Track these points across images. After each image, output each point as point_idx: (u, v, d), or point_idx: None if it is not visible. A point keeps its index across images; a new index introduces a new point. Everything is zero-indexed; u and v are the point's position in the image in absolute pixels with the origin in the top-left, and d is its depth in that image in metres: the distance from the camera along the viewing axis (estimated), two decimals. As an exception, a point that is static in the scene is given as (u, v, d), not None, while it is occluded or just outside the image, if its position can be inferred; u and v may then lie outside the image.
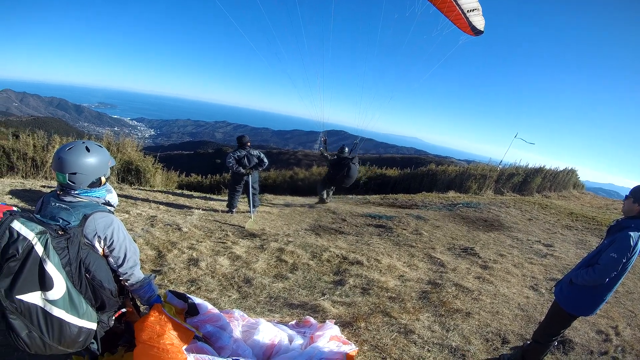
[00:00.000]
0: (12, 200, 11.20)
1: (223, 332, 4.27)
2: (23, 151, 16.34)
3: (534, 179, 21.82)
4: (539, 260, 9.36)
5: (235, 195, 12.57)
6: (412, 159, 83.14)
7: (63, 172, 3.21)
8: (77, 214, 3.22)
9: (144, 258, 7.85)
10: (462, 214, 14.21)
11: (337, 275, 7.72)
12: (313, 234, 10.85)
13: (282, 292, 6.85)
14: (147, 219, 10.59)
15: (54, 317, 3.00)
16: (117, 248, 3.37)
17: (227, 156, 11.95)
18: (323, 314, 6.04)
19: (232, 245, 8.95)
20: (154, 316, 3.54)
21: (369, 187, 23.89)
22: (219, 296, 6.53)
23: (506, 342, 5.57)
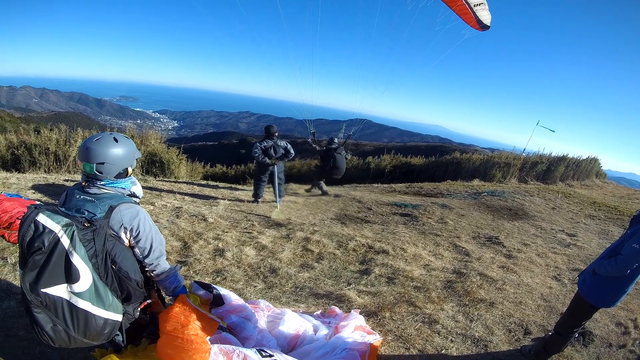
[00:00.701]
0: (35, 195, 11.31)
1: (248, 323, 4.29)
2: (45, 146, 16.47)
3: (558, 167, 21.57)
4: (562, 250, 9.30)
5: (260, 185, 12.62)
6: (437, 147, 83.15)
7: (91, 162, 3.23)
8: (103, 206, 3.22)
9: (170, 249, 7.90)
10: (486, 202, 14.17)
11: (362, 265, 7.72)
12: (339, 223, 10.87)
13: (307, 282, 6.87)
14: (173, 210, 10.69)
15: (79, 309, 3.03)
16: (143, 239, 3.39)
17: (253, 146, 11.96)
18: (348, 303, 6.06)
19: (258, 235, 9.00)
20: (178, 307, 3.55)
21: (395, 175, 23.84)
22: (245, 286, 6.57)
23: (528, 332, 5.55)
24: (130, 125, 20.99)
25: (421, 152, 32.15)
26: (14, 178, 13.35)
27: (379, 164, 24.97)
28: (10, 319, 5.04)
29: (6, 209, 7.92)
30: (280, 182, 12.38)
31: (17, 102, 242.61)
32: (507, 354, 5.05)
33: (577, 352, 5.14)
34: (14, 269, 6.34)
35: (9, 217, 7.71)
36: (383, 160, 25.27)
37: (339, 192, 15.45)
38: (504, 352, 5.08)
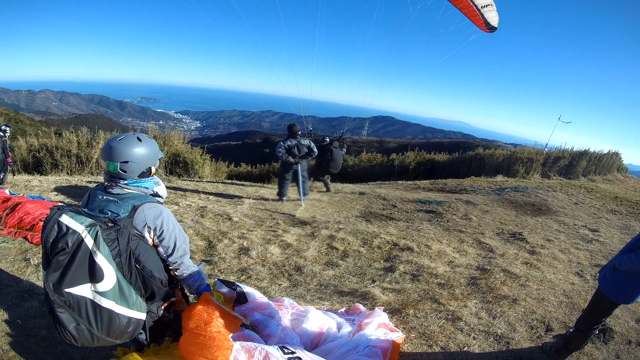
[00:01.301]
0: (58, 197, 11.49)
1: (271, 320, 4.32)
2: (67, 148, 16.77)
3: (580, 162, 21.52)
4: (584, 245, 9.24)
5: (285, 183, 12.70)
6: (460, 143, 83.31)
7: (115, 160, 3.28)
8: (126, 206, 3.27)
9: (194, 248, 8.00)
10: (510, 198, 14.12)
11: (387, 262, 7.75)
12: (364, 220, 10.88)
13: (332, 280, 6.91)
14: (197, 210, 10.82)
15: (103, 308, 3.06)
16: (167, 238, 3.44)
17: (277, 145, 12.01)
18: (373, 301, 6.07)
19: (282, 233, 9.09)
20: (202, 304, 3.59)
21: (419, 172, 23.91)
22: (270, 285, 6.64)
23: (550, 329, 5.53)
24: (152, 126, 21.13)
25: (444, 148, 32.16)
26: (36, 180, 13.54)
27: (403, 161, 25.21)
28: (33, 319, 5.15)
29: (29, 211, 8.10)
30: (304, 180, 12.39)
31: (36, 105, 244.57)
32: (529, 351, 5.04)
33: (597, 349, 5.10)
34: (36, 269, 6.46)
35: (31, 219, 7.88)
36: (407, 157, 25.54)
37: (364, 190, 15.44)
38: (525, 349, 5.07)
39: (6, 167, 12.94)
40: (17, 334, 4.84)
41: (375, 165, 25.96)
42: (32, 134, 19.16)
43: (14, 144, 17.98)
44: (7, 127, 13.27)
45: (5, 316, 5.16)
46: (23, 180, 13.86)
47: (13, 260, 6.80)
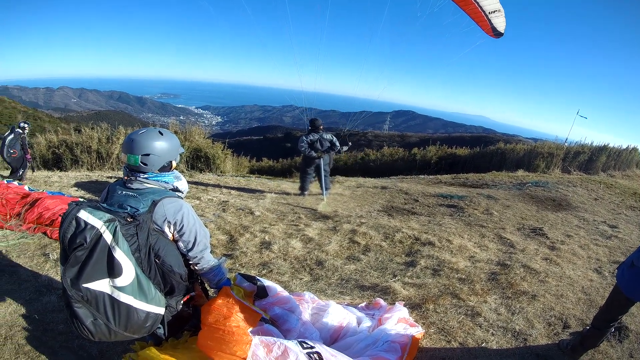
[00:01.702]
0: (78, 192, 11.64)
1: (291, 315, 4.32)
2: (87, 144, 16.92)
3: (599, 157, 21.33)
4: (603, 241, 9.19)
5: (307, 177, 12.75)
6: (481, 137, 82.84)
7: (136, 153, 3.32)
8: (146, 201, 3.28)
9: (216, 243, 8.06)
10: (531, 193, 14.09)
11: (408, 257, 7.76)
12: (386, 214, 10.93)
13: (353, 274, 6.93)
14: (219, 204, 10.90)
15: (121, 303, 3.08)
16: (187, 232, 3.44)
17: (299, 139, 12.06)
18: (393, 295, 6.09)
19: (304, 227, 9.14)
20: (221, 299, 3.60)
21: (440, 166, 23.95)
22: (291, 279, 6.67)
23: (567, 326, 5.52)
24: (173, 122, 21.20)
25: (466, 142, 32.11)
26: (55, 176, 13.76)
27: (424, 155, 25.33)
28: (50, 314, 5.23)
29: (48, 207, 8.22)
30: (327, 175, 12.45)
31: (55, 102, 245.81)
32: (545, 348, 5.04)
33: (611, 348, 5.08)
34: (55, 264, 6.56)
35: (51, 214, 8.02)
36: (428, 152, 25.67)
37: (386, 184, 15.49)
38: (542, 346, 5.07)
39: (25, 164, 13.23)
40: (34, 328, 4.92)
41: (397, 160, 26.05)
42: (52, 131, 19.31)
43: (33, 140, 18.17)
44: (26, 124, 13.44)
45: (23, 311, 5.25)
46: (43, 176, 14.08)
47: (32, 256, 6.91)
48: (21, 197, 8.88)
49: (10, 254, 6.92)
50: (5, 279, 6.03)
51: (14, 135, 12.85)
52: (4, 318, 5.04)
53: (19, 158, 12.89)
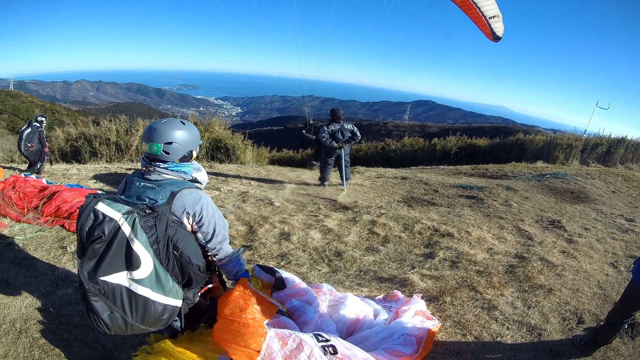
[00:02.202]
0: (97, 185, 11.76)
1: (309, 307, 4.35)
2: (105, 137, 17.01)
3: (617, 149, 21.16)
4: (620, 235, 9.12)
5: (327, 168, 12.74)
6: (500, 128, 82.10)
7: (158, 142, 3.35)
8: (165, 192, 3.30)
9: (235, 234, 8.13)
10: (550, 184, 14.06)
11: (427, 248, 7.79)
12: (405, 205, 10.97)
13: (372, 266, 6.95)
14: (239, 195, 11.00)
15: (139, 296, 3.10)
16: (206, 223, 3.45)
17: (320, 129, 12.04)
18: (411, 287, 6.11)
19: (324, 218, 9.18)
20: (238, 290, 3.63)
21: (460, 157, 23.96)
22: (309, 270, 6.72)
23: (581, 321, 5.52)
24: (193, 113, 21.29)
25: (485, 133, 32.02)
26: (74, 169, 13.88)
27: (444, 146, 25.28)
28: (66, 306, 5.31)
29: (66, 199, 8.32)
30: (347, 165, 12.45)
31: (73, 96, 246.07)
32: (559, 343, 5.05)
33: (623, 345, 5.06)
34: (73, 257, 6.62)
35: (69, 207, 8.13)
36: (449, 142, 25.59)
37: (406, 175, 15.47)
38: (556, 341, 5.08)
39: (44, 157, 13.29)
40: (50, 321, 4.99)
41: (417, 150, 25.97)
42: (70, 124, 19.39)
43: (51, 134, 18.34)
44: (44, 117, 13.54)
45: (38, 304, 5.32)
46: (61, 169, 14.19)
47: (49, 249, 6.97)
48: (39, 190, 8.97)
49: (27, 247, 6.99)
50: (22, 272, 6.11)
51: (31, 129, 12.94)
52: (20, 311, 5.12)
53: (37, 151, 12.96)
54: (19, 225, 7.89)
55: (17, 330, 4.76)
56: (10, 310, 5.12)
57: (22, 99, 61.30)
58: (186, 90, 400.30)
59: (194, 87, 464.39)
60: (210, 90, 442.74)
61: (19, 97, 61.37)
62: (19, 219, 8.07)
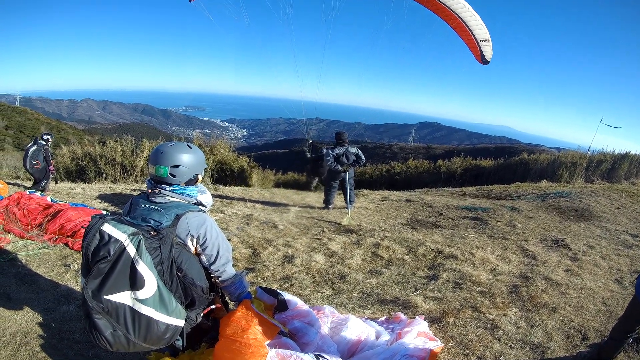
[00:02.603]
0: (101, 205, 11.80)
1: (310, 328, 4.34)
2: (111, 157, 17.09)
3: (621, 165, 21.16)
4: (625, 251, 9.12)
5: (331, 191, 12.80)
6: (505, 148, 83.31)
7: (165, 164, 3.41)
8: (169, 214, 3.36)
9: (239, 256, 8.15)
10: (554, 204, 14.02)
11: (431, 270, 7.78)
12: (410, 228, 10.94)
13: (375, 288, 6.95)
14: (243, 218, 11.01)
15: (142, 315, 3.13)
16: (209, 246, 3.51)
17: (324, 153, 12.07)
18: (414, 309, 6.10)
19: (328, 241, 9.17)
20: (241, 311, 3.65)
21: (465, 178, 23.98)
22: (312, 292, 6.72)
23: (586, 338, 5.50)
24: (198, 134, 21.38)
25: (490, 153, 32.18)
26: (79, 188, 13.94)
27: (449, 167, 25.38)
28: (68, 323, 5.33)
29: (70, 218, 8.34)
30: (351, 188, 12.43)
31: (79, 114, 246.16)
32: None
33: (628, 359, 5.03)
34: (76, 275, 6.66)
35: (73, 226, 8.12)
36: (453, 164, 25.71)
37: (411, 197, 15.47)
38: (560, 358, 5.07)
39: (49, 175, 13.36)
40: (50, 336, 5.02)
41: (422, 172, 26.07)
42: (76, 142, 19.54)
43: (57, 152, 18.48)
44: (50, 135, 13.63)
45: (40, 319, 5.35)
46: (66, 187, 14.28)
47: (52, 266, 7.03)
48: (43, 207, 9.00)
49: (30, 263, 7.04)
50: (24, 288, 6.15)
51: (37, 147, 13.00)
52: (20, 325, 5.15)
53: (42, 169, 13.04)
54: (22, 241, 7.96)
55: (16, 343, 4.79)
56: (11, 324, 5.15)
57: (28, 115, 61.69)
58: (192, 112, 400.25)
59: (200, 108, 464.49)
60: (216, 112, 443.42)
61: (25, 113, 61.77)
62: (23, 235, 8.13)
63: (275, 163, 28.03)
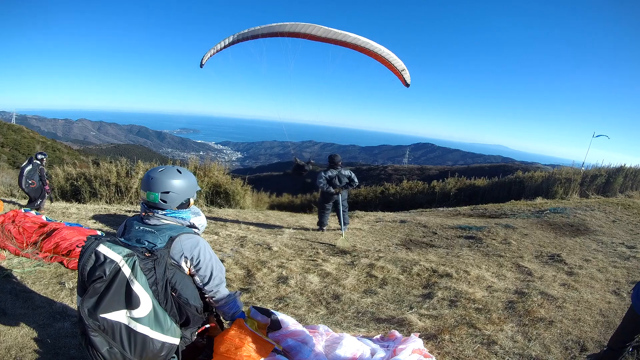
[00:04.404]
0: (96, 225, 11.72)
1: (304, 346, 4.33)
2: (106, 178, 17.09)
3: (616, 178, 21.35)
4: (622, 263, 9.20)
5: (325, 213, 12.77)
6: (500, 167, 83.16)
7: (156, 191, 3.45)
8: (163, 237, 3.40)
9: (233, 277, 8.10)
10: (549, 220, 14.06)
11: (426, 289, 7.77)
12: (404, 248, 10.97)
13: (370, 307, 6.92)
14: (237, 240, 10.92)
15: (138, 333, 3.15)
16: (203, 267, 3.53)
17: (317, 175, 12.14)
18: (409, 327, 6.06)
19: (322, 262, 9.15)
20: (235, 329, 3.69)
21: (460, 198, 24.10)
22: (307, 312, 6.67)
23: (584, 349, 5.48)
24: (192, 157, 21.44)
25: (485, 173, 32.26)
26: (73, 208, 13.88)
27: (443, 187, 25.50)
28: (63, 339, 5.28)
29: (65, 237, 8.29)
30: (345, 210, 12.44)
31: (74, 134, 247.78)
32: None
33: None
34: (71, 293, 6.63)
35: (68, 245, 8.08)
36: (448, 184, 25.80)
37: (405, 218, 15.50)
38: None
39: (44, 194, 13.42)
40: (45, 351, 4.98)
41: (416, 193, 26.22)
42: (70, 163, 19.63)
43: (51, 171, 18.44)
44: (44, 155, 13.72)
45: (35, 334, 5.31)
46: (61, 207, 14.23)
47: (47, 283, 7.00)
48: (38, 226, 8.98)
49: (25, 280, 7.03)
50: (20, 304, 6.12)
51: (32, 166, 13.07)
52: (15, 340, 5.11)
53: (38, 188, 13.11)
54: (17, 258, 7.94)
55: (12, 357, 4.77)
56: (6, 338, 5.12)
57: (24, 133, 61.85)
58: (187, 134, 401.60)
59: (195, 131, 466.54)
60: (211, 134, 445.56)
61: (20, 131, 61.95)
62: (18, 252, 8.11)
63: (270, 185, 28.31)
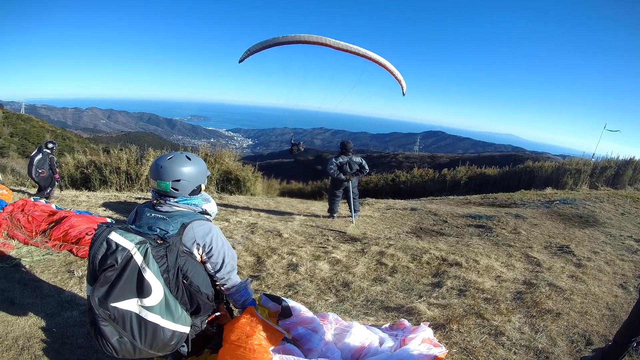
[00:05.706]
0: (106, 212, 11.82)
1: (314, 335, 4.34)
2: (116, 165, 17.12)
3: (626, 171, 21.14)
4: (629, 256, 9.14)
5: (335, 200, 12.83)
6: (510, 156, 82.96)
7: (166, 179, 3.42)
8: (175, 224, 3.39)
9: (243, 264, 8.14)
10: (559, 210, 13.99)
11: (435, 277, 7.77)
12: (414, 236, 10.96)
13: (379, 295, 6.93)
14: (248, 226, 10.98)
15: (148, 322, 3.14)
16: (215, 254, 3.52)
17: (328, 162, 12.21)
18: (418, 316, 6.08)
19: (332, 249, 9.15)
20: (245, 318, 3.65)
21: (470, 187, 23.96)
22: (316, 300, 6.71)
23: (590, 343, 5.48)
24: (203, 144, 21.39)
25: (495, 162, 32.09)
26: (83, 196, 13.95)
27: (454, 176, 25.41)
28: (71, 328, 5.36)
29: (74, 225, 8.37)
30: (355, 197, 12.49)
31: (84, 123, 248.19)
32: None
33: None
34: (80, 281, 6.69)
35: (77, 233, 8.15)
36: (458, 172, 25.71)
37: (416, 206, 15.51)
38: None
39: (54, 183, 13.46)
40: (53, 341, 5.04)
41: (427, 181, 26.12)
42: (80, 151, 19.60)
43: (61, 160, 18.49)
44: (54, 143, 13.74)
45: (43, 324, 5.37)
46: (70, 195, 14.32)
47: (56, 272, 7.06)
48: (48, 214, 9.07)
49: (34, 269, 7.08)
50: (28, 293, 6.17)
51: (42, 155, 13.08)
52: (23, 329, 5.17)
53: (48, 177, 13.13)
54: (26, 247, 7.99)
55: (19, 347, 4.82)
56: (14, 328, 5.19)
57: (33, 123, 61.56)
58: (197, 121, 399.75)
59: (205, 118, 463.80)
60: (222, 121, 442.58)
61: (30, 121, 61.68)
62: (27, 241, 8.17)
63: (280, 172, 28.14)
